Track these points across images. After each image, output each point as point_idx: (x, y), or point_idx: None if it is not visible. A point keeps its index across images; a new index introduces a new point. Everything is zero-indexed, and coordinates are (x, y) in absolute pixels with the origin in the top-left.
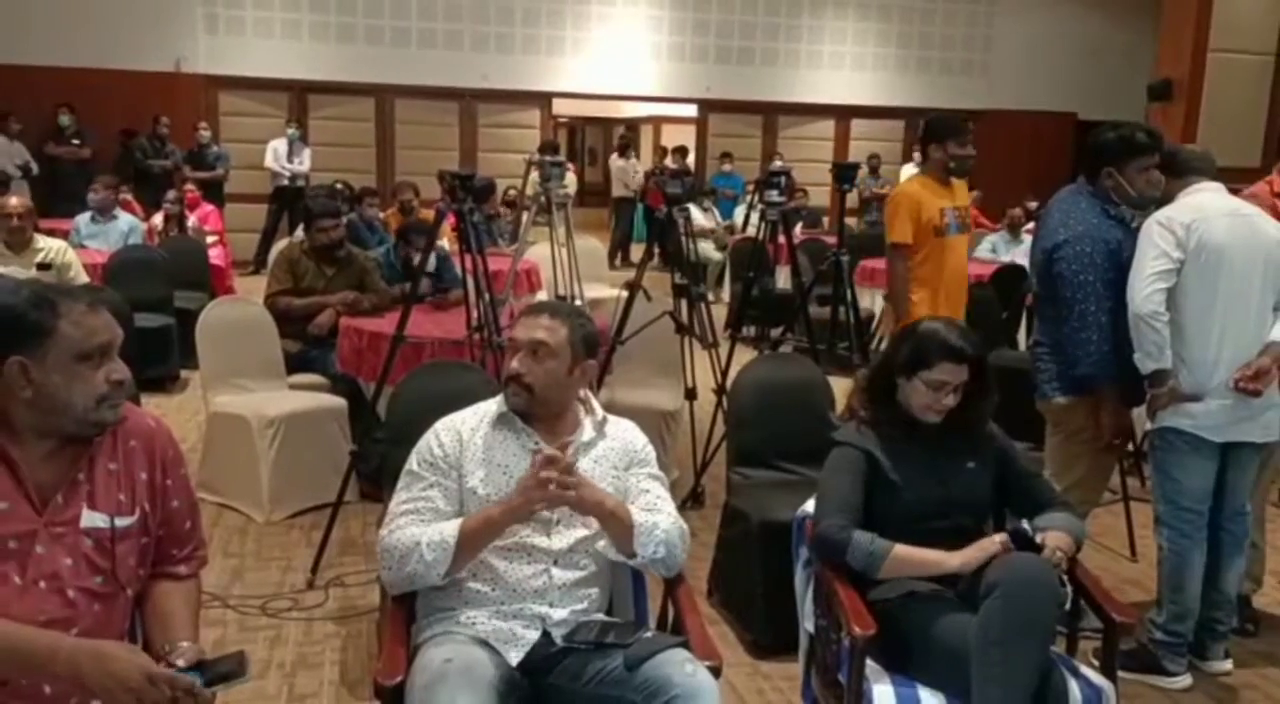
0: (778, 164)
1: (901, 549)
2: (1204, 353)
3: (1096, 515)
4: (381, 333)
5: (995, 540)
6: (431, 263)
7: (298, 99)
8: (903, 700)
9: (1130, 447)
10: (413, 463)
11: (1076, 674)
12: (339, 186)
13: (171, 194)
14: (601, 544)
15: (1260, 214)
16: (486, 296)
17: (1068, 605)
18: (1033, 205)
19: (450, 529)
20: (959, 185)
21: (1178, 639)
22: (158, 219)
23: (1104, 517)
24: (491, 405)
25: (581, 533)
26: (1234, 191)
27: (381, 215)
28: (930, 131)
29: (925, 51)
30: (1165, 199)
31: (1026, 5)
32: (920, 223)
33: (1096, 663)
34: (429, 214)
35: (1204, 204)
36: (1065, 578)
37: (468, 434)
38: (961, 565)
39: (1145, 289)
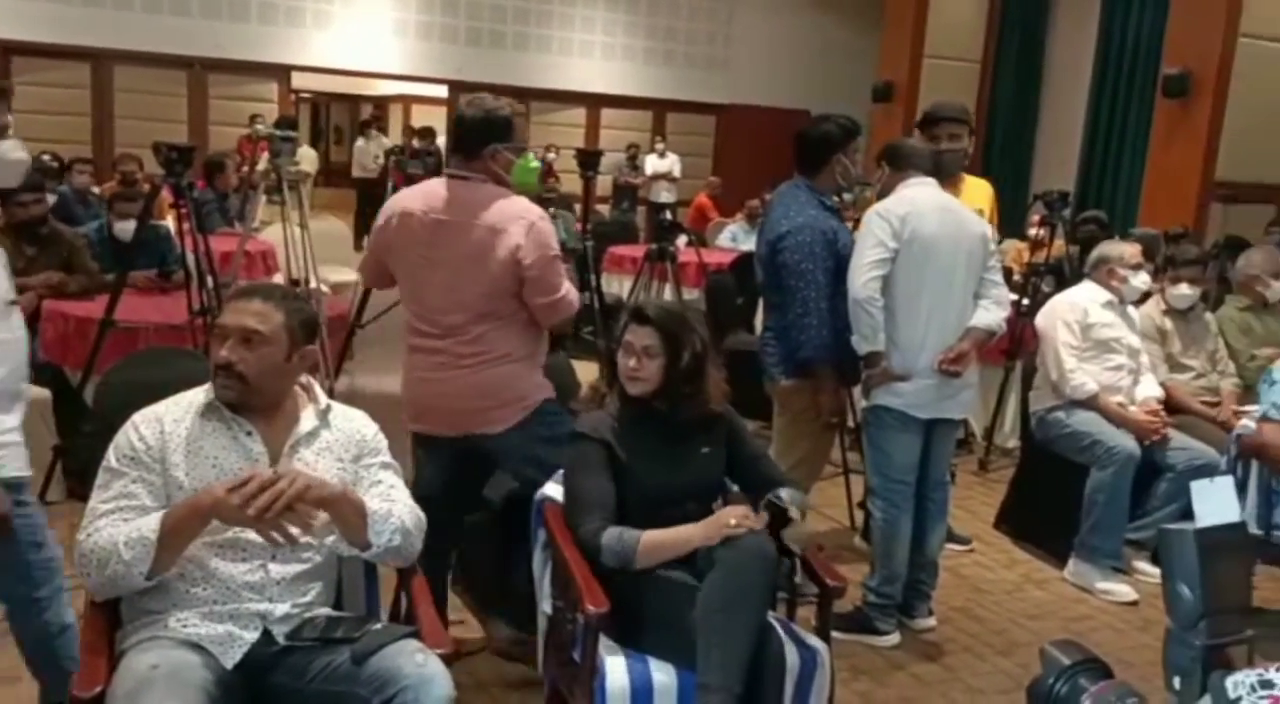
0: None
1: (649, 537)
2: (912, 336)
3: (821, 488)
4: (90, 317)
5: (729, 513)
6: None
7: (0, 60)
8: (634, 674)
9: (850, 424)
10: (111, 459)
11: (794, 637)
12: (46, 158)
13: None
14: (331, 539)
15: (967, 210)
16: (210, 279)
17: (797, 577)
18: (768, 196)
19: (150, 524)
20: (973, 184)
21: (888, 600)
22: None
23: (828, 489)
24: (198, 395)
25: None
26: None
27: (98, 190)
28: (920, 121)
29: (671, 44)
30: (885, 191)
31: (765, 5)
32: None
33: (814, 623)
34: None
35: (918, 198)
36: (787, 548)
37: (170, 425)
38: (705, 538)
39: (863, 276)
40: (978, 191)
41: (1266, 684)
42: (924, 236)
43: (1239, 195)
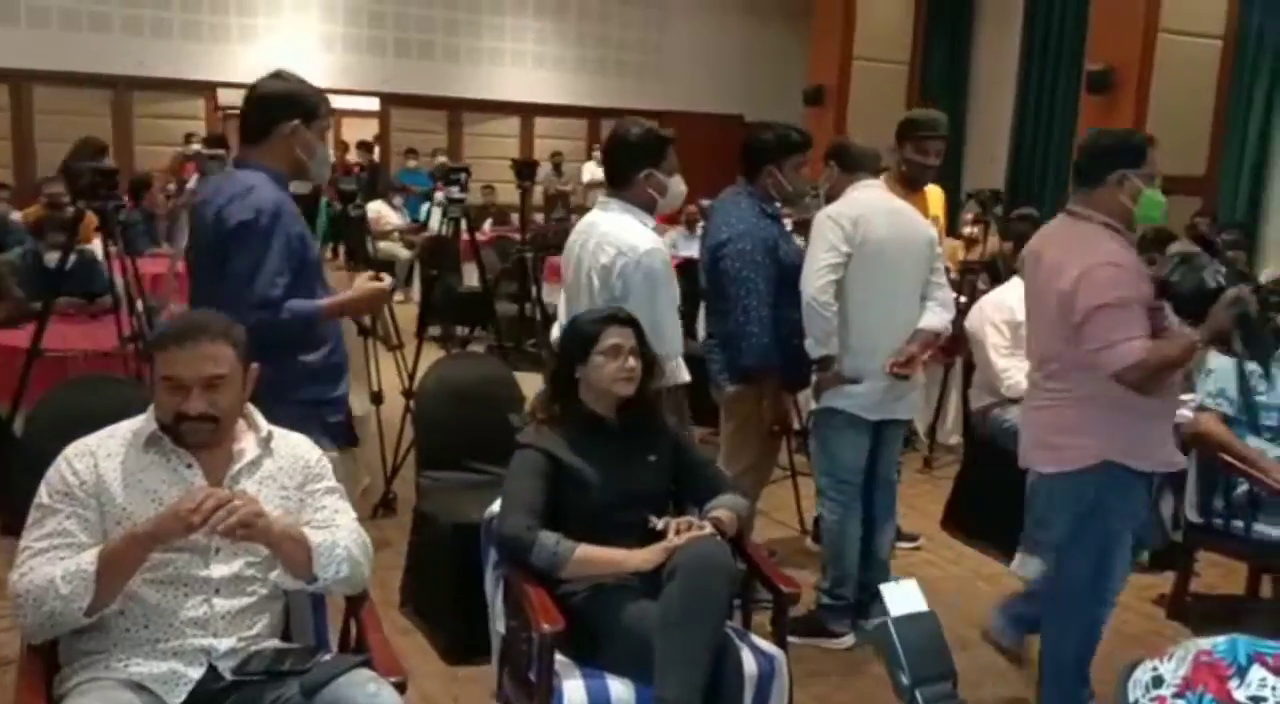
0: (440, 160)
1: (584, 550)
2: (864, 339)
3: (770, 491)
4: (17, 347)
5: (670, 540)
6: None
7: None
8: (592, 691)
9: (796, 426)
10: (42, 495)
11: (750, 645)
12: None
13: None
14: (275, 574)
15: (915, 213)
16: (140, 303)
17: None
18: (705, 202)
19: (88, 558)
20: (932, 191)
21: (841, 602)
22: None
23: (777, 492)
24: (135, 425)
25: (247, 558)
26: None
27: (18, 215)
28: (897, 131)
29: (603, 52)
30: (834, 194)
31: (694, 10)
32: None
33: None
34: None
35: (869, 201)
36: (737, 555)
37: (105, 458)
38: (641, 563)
39: (818, 280)
40: (935, 198)
41: (1158, 681)
42: (876, 240)
43: (1167, 188)
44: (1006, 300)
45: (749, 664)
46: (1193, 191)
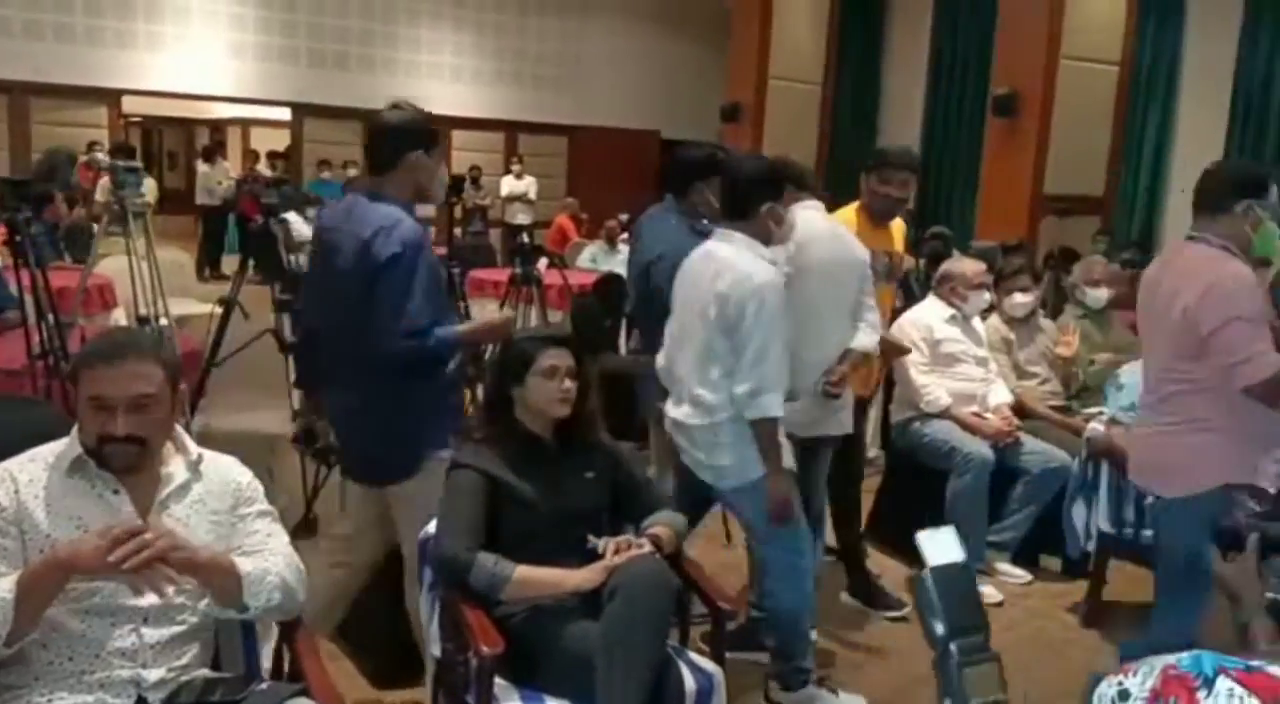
0: (353, 172)
1: (523, 571)
2: (798, 358)
3: None
4: None
5: (611, 559)
6: None
7: None
8: None
9: None
10: None
11: (688, 662)
12: None
13: None
14: (205, 603)
15: (850, 234)
16: (51, 317)
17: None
18: (624, 217)
19: (5, 586)
20: (897, 227)
21: None
22: None
23: None
24: (57, 448)
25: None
26: None
27: None
28: (875, 164)
29: (520, 66)
30: None
31: (611, 26)
32: None
33: (706, 649)
34: None
35: (811, 222)
36: (673, 571)
37: (26, 484)
38: (581, 583)
39: None
40: (898, 231)
41: (1124, 695)
42: (819, 262)
43: (1070, 208)
44: (924, 318)
45: (688, 681)
46: (1092, 211)
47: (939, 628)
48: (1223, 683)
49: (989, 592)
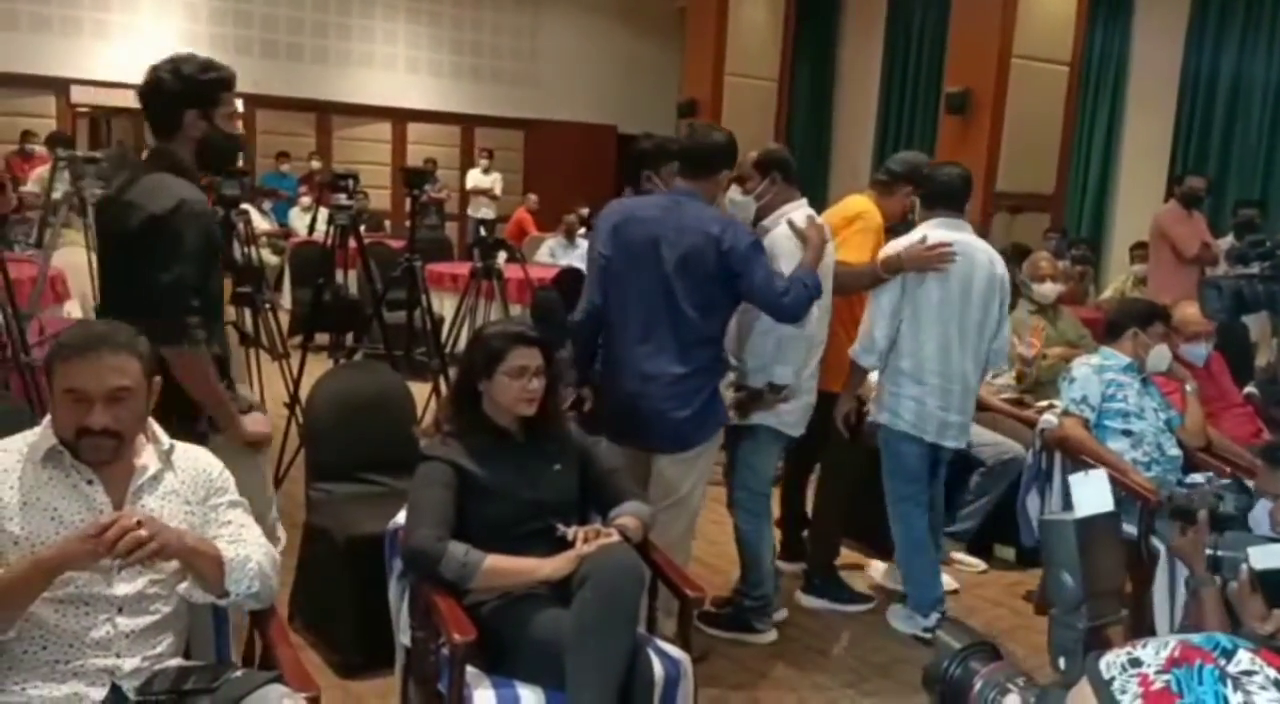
0: (314, 165)
1: (494, 560)
2: (803, 359)
3: None
4: None
5: (581, 548)
6: None
7: None
8: (503, 701)
9: None
10: None
11: (656, 649)
12: None
13: None
14: (184, 587)
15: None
16: (8, 309)
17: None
18: (584, 211)
19: None
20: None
21: (763, 601)
22: None
23: None
24: (30, 438)
25: (151, 575)
26: None
27: None
28: (887, 177)
29: (477, 59)
30: (770, 206)
31: (568, 21)
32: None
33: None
34: None
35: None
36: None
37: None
38: (552, 572)
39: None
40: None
41: (1135, 662)
42: (824, 264)
43: (1021, 205)
44: None
45: (657, 668)
46: (1042, 208)
47: (1069, 583)
48: (1243, 654)
49: (947, 580)
